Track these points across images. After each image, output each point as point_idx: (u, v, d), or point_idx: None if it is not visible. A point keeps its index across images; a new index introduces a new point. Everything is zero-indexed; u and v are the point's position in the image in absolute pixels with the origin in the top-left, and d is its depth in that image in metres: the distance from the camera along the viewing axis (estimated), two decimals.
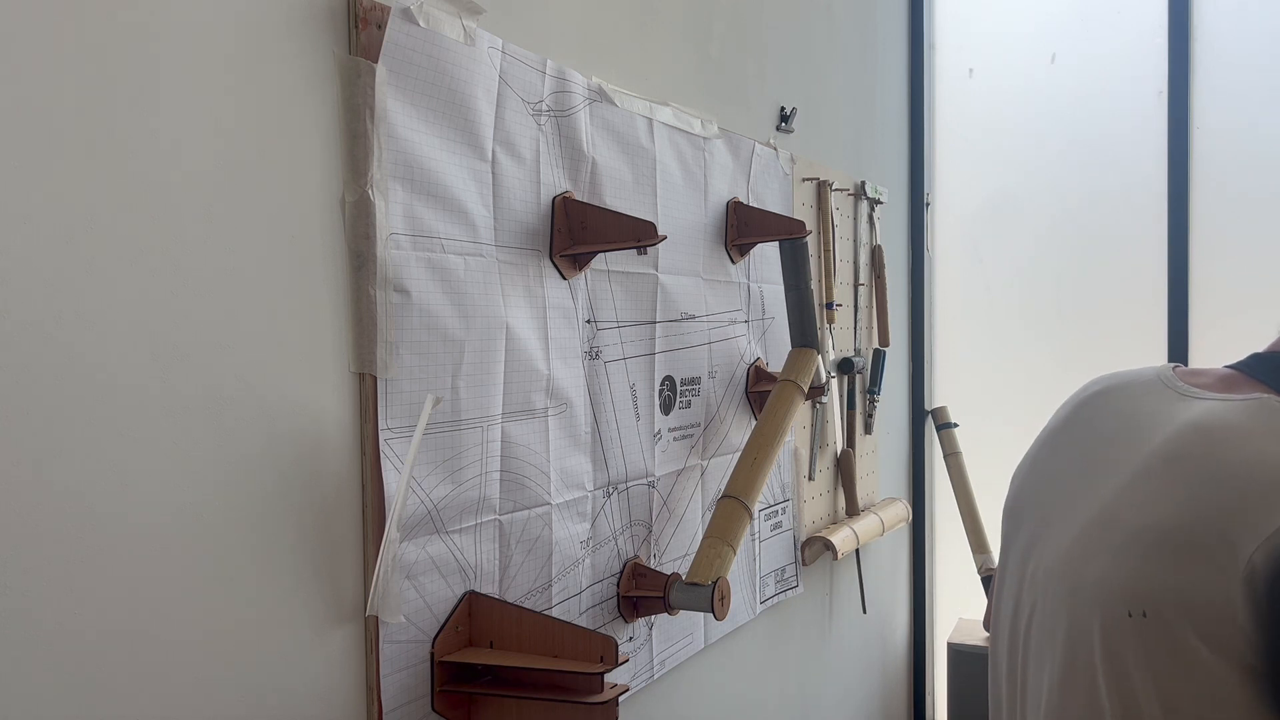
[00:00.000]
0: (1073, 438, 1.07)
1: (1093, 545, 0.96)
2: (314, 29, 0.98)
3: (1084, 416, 1.08)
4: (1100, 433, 1.04)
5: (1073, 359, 2.63)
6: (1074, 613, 0.96)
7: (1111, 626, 0.93)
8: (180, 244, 0.87)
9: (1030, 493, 1.08)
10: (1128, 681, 0.92)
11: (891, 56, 2.67)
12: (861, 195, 2.36)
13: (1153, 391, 1.03)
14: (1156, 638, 0.90)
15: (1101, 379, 1.11)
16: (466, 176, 1.15)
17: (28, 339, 0.76)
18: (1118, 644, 0.92)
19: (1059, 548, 1.00)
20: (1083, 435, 1.06)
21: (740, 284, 1.77)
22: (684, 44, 1.66)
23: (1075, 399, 1.11)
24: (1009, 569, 1.08)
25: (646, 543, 1.52)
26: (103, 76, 0.81)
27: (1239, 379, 1.00)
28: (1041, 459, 1.10)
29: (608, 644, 1.11)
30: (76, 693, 0.80)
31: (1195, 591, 0.88)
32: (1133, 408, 1.03)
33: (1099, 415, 1.06)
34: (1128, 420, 1.02)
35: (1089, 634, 0.94)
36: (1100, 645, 0.94)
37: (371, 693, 1.05)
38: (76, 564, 0.79)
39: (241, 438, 0.92)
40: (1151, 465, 0.95)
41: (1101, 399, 1.08)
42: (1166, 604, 0.89)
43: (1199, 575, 0.87)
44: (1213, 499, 0.88)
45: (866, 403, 2.40)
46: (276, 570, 0.95)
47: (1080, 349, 2.68)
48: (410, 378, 1.07)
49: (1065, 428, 1.09)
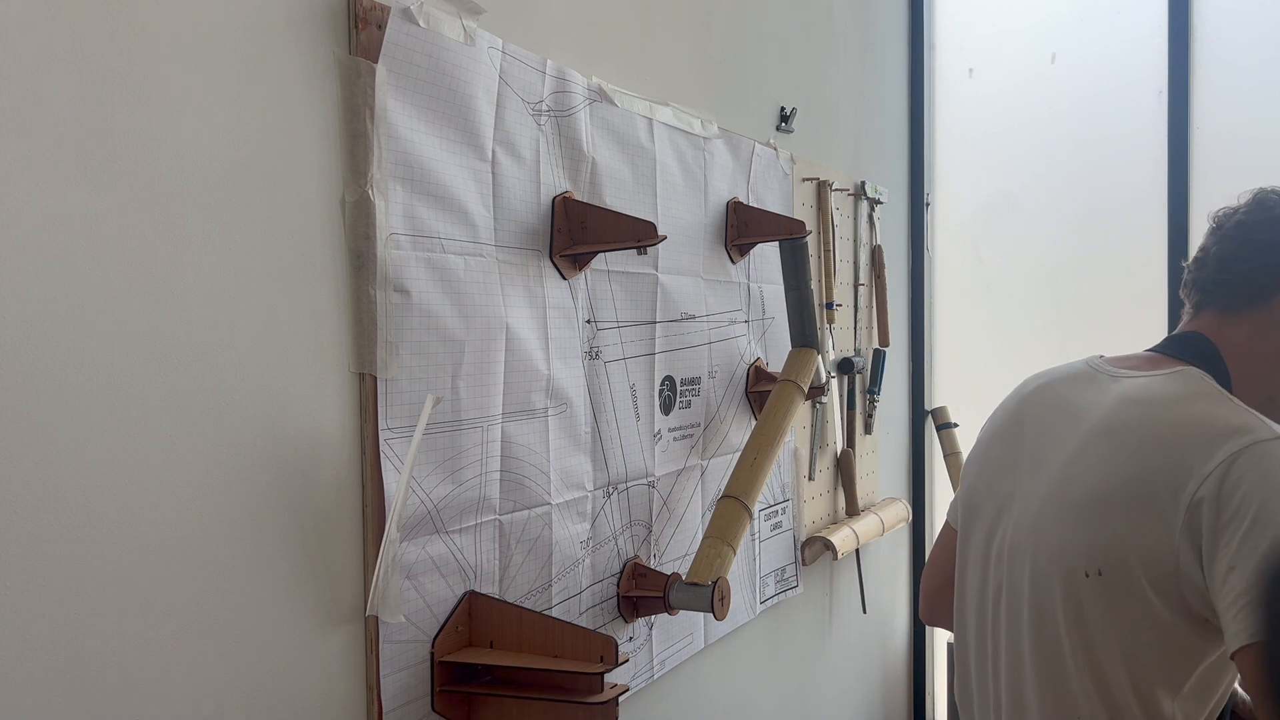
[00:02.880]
0: (1019, 430, 1.15)
1: (1049, 517, 1.04)
2: (314, 29, 0.98)
3: (1026, 410, 1.16)
4: (1044, 421, 1.13)
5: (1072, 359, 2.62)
6: (1036, 580, 1.04)
7: (1071, 587, 1.00)
8: (180, 244, 0.87)
9: (985, 485, 1.16)
10: (1090, 637, 0.99)
11: (891, 56, 2.67)
12: (861, 195, 2.36)
13: (1085, 378, 1.13)
14: (1113, 592, 0.98)
15: (1036, 376, 1.21)
16: (466, 176, 1.15)
17: (28, 340, 0.76)
18: (1078, 602, 1.00)
19: (1020, 525, 1.08)
20: (1029, 426, 1.14)
21: (740, 284, 1.77)
22: (684, 44, 1.66)
23: (1014, 397, 1.21)
24: (970, 554, 1.16)
25: (646, 543, 1.52)
26: (103, 77, 0.81)
27: (1160, 359, 1.10)
28: (991, 454, 1.18)
29: (608, 644, 1.11)
30: (77, 693, 0.80)
31: (1144, 543, 0.96)
32: (1069, 395, 1.12)
33: (1040, 407, 1.15)
34: (1066, 406, 1.11)
35: (1051, 596, 1.02)
36: (1062, 605, 1.01)
37: (371, 693, 1.05)
38: (77, 564, 0.79)
39: (242, 438, 0.92)
40: (1094, 438, 1.04)
41: (1039, 394, 1.17)
42: (1119, 559, 0.97)
43: (1147, 528, 0.95)
44: (1156, 456, 0.97)
45: (866, 403, 2.40)
46: (276, 570, 0.95)
47: (1080, 349, 2.67)
48: (410, 378, 1.07)
49: (1009, 423, 1.18)
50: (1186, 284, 1.14)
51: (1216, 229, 1.12)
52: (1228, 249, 1.09)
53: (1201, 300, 1.12)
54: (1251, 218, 1.08)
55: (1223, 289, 1.10)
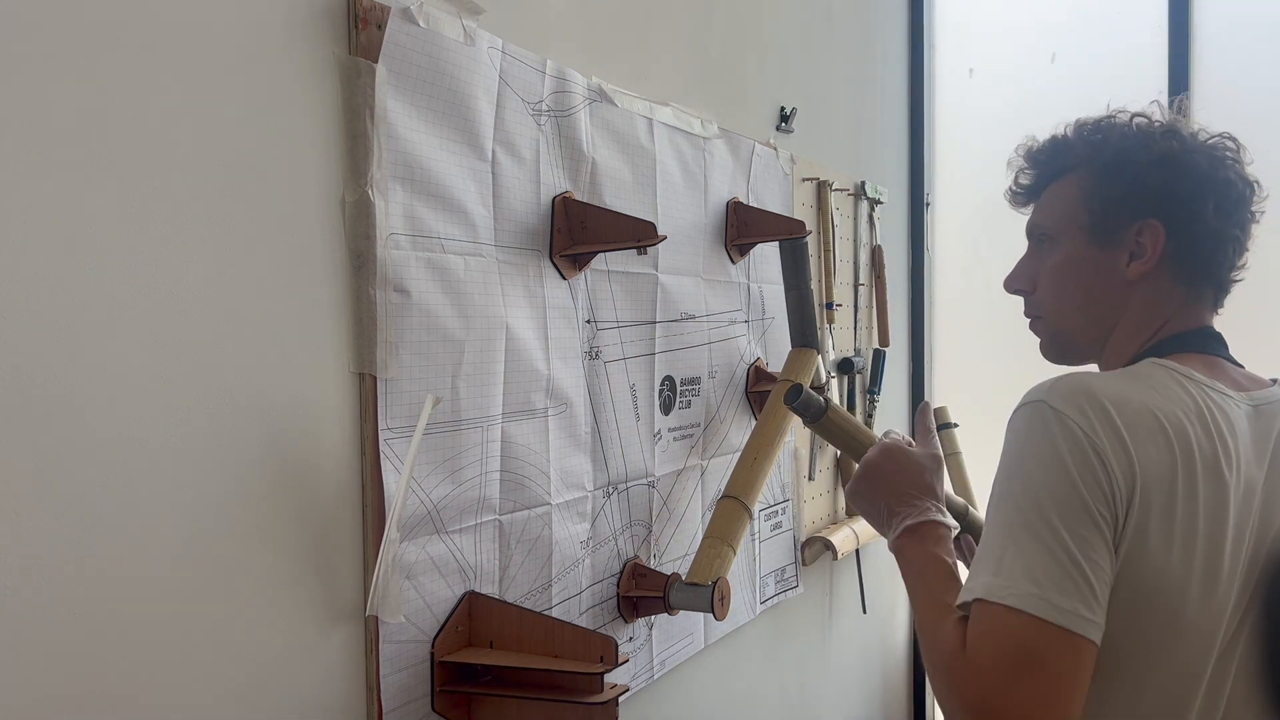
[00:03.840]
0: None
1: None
2: (314, 29, 0.98)
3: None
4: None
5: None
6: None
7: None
8: (180, 244, 0.87)
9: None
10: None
11: (891, 56, 2.67)
12: (861, 195, 2.36)
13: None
14: None
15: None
16: (466, 176, 1.15)
17: (28, 340, 0.76)
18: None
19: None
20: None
21: (740, 284, 1.77)
22: (684, 44, 1.66)
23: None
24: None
25: (646, 543, 1.52)
26: (103, 77, 0.81)
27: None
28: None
29: (608, 644, 1.11)
30: (77, 693, 0.80)
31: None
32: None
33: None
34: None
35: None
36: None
37: (371, 693, 1.05)
38: (77, 564, 0.79)
39: (241, 438, 0.92)
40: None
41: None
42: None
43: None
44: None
45: (866, 403, 2.40)
46: (276, 570, 0.95)
47: None
48: (410, 378, 1.07)
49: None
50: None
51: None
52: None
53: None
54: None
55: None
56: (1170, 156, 0.96)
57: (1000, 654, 0.77)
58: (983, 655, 0.78)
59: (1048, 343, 1.06)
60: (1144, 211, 0.96)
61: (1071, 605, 0.77)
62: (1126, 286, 0.98)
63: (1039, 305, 1.05)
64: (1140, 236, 0.97)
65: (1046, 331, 1.06)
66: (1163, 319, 0.98)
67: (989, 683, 0.77)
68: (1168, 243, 0.96)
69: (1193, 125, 1.00)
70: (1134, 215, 0.96)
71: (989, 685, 0.77)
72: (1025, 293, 1.07)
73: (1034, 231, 1.06)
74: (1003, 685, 0.76)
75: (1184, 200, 0.95)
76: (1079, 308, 1.01)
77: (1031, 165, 1.06)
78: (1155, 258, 0.96)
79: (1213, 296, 1.01)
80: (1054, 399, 0.84)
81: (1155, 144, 0.97)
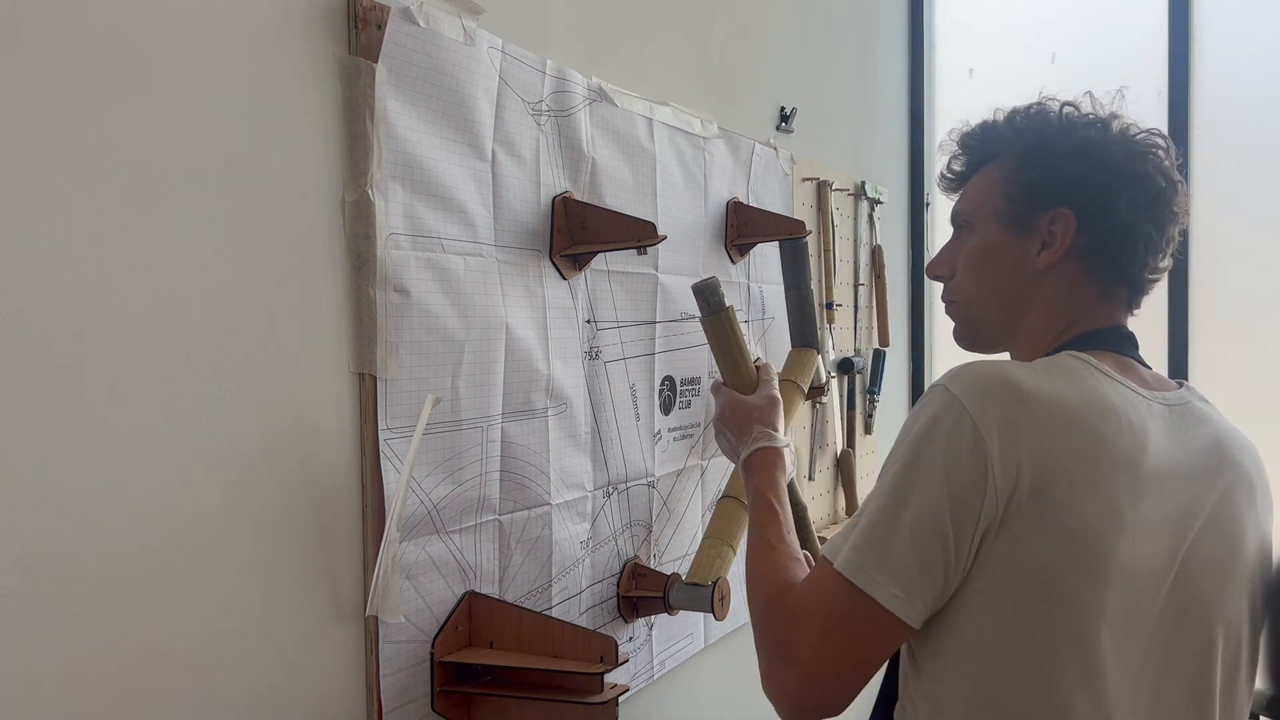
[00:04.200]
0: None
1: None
2: (314, 29, 0.98)
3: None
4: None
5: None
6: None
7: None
8: (180, 244, 0.86)
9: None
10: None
11: (891, 56, 2.67)
12: (861, 195, 2.36)
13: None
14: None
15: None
16: (466, 176, 1.15)
17: (28, 341, 0.76)
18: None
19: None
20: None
21: (740, 284, 1.77)
22: (684, 44, 1.66)
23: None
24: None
25: (646, 543, 1.52)
26: (103, 77, 0.80)
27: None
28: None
29: (608, 644, 1.11)
30: (77, 694, 0.80)
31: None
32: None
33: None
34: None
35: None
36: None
37: (371, 693, 1.05)
38: (77, 565, 0.79)
39: (242, 438, 0.92)
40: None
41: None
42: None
43: None
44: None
45: (866, 403, 2.40)
46: (276, 570, 0.95)
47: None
48: (410, 378, 1.07)
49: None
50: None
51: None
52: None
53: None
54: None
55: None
56: (1088, 146, 0.96)
57: (818, 606, 0.86)
58: (807, 601, 0.87)
59: (960, 329, 1.06)
60: (1057, 200, 0.96)
61: (895, 588, 0.82)
62: (1037, 276, 0.98)
63: (955, 291, 1.05)
64: (1052, 225, 0.96)
65: (959, 317, 1.06)
66: (1074, 314, 0.98)
67: (801, 627, 0.87)
68: (1079, 234, 0.96)
69: (1124, 120, 0.99)
70: (1048, 203, 0.96)
71: (800, 629, 0.87)
72: (944, 278, 1.07)
73: (956, 218, 1.07)
74: (812, 632, 0.86)
75: (1096, 191, 0.95)
76: (990, 295, 1.01)
77: (963, 150, 1.06)
78: (1064, 248, 0.96)
79: (1126, 296, 0.99)
80: (959, 386, 0.85)
81: (1076, 133, 0.97)
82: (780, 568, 0.98)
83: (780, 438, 1.20)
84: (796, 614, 0.88)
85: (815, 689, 0.86)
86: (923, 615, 0.84)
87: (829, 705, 0.87)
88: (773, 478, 1.14)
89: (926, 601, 0.84)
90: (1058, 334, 0.98)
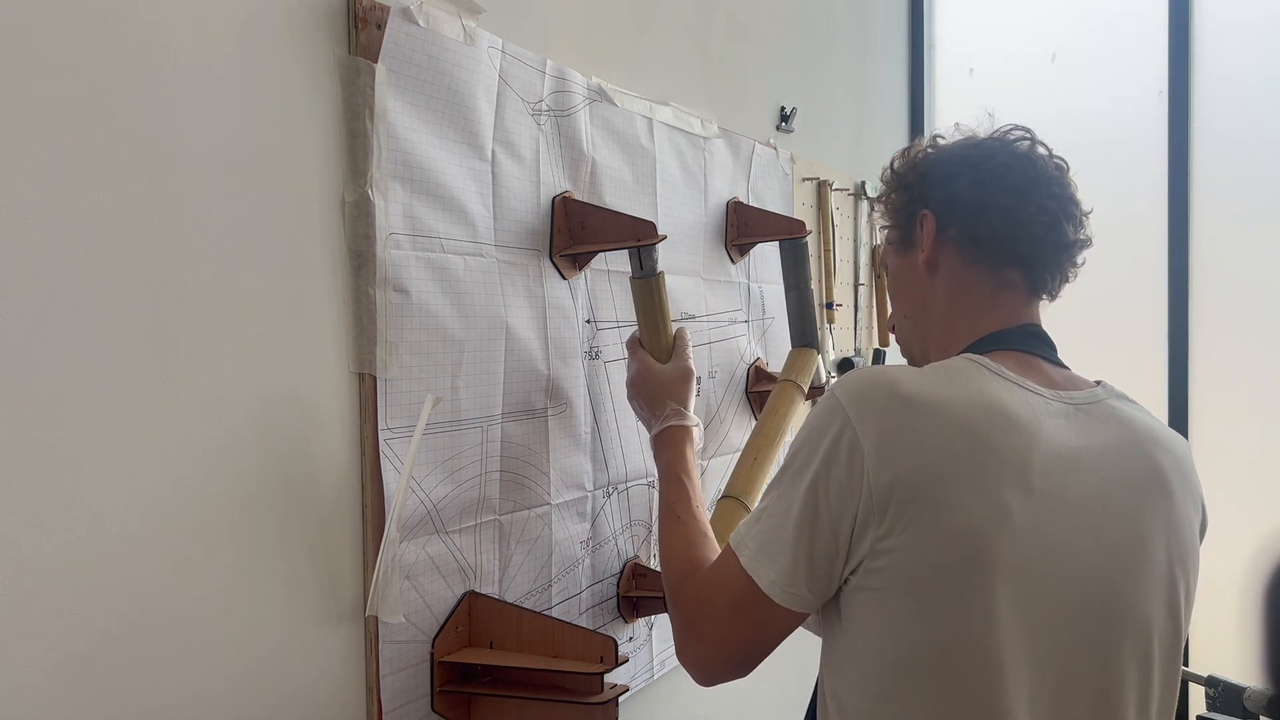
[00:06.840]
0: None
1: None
2: (314, 29, 0.98)
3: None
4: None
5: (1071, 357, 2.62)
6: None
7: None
8: (180, 244, 0.86)
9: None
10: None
11: (891, 56, 2.67)
12: (861, 195, 2.36)
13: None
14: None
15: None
16: (466, 176, 1.15)
17: (28, 340, 0.76)
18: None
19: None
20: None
21: (740, 284, 1.77)
22: (684, 44, 1.65)
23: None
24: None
25: (646, 543, 1.52)
26: (103, 77, 0.80)
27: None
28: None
29: (607, 644, 1.11)
30: (76, 694, 0.80)
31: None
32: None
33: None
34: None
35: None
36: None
37: (371, 693, 1.05)
38: (76, 564, 0.79)
39: (241, 438, 0.92)
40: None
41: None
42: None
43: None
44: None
45: None
46: (276, 570, 0.95)
47: (1079, 347, 2.67)
48: (410, 378, 1.07)
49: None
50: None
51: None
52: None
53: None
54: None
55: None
56: (935, 152, 1.05)
57: (721, 592, 0.94)
58: (712, 587, 0.96)
59: (902, 354, 1.12)
60: (918, 206, 1.04)
61: (778, 577, 0.89)
62: (929, 280, 1.04)
63: (894, 328, 1.13)
64: (920, 229, 1.03)
65: (899, 344, 1.13)
66: (973, 307, 1.01)
67: (707, 611, 0.95)
68: (943, 227, 1.02)
69: (977, 133, 1.06)
70: (913, 213, 1.04)
71: (707, 612, 0.95)
72: (892, 325, 1.15)
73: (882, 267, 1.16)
74: (718, 616, 0.94)
75: (939, 183, 1.02)
76: (907, 315, 1.09)
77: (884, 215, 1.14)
78: (931, 242, 1.02)
79: (1025, 282, 1.01)
80: (843, 392, 0.89)
81: (924, 147, 1.06)
82: (689, 544, 1.08)
83: (691, 416, 1.26)
84: (703, 597, 0.97)
85: (721, 661, 0.96)
86: (811, 603, 0.90)
87: (734, 673, 0.97)
88: (682, 453, 1.21)
89: (814, 591, 0.89)
90: (966, 333, 1.00)
